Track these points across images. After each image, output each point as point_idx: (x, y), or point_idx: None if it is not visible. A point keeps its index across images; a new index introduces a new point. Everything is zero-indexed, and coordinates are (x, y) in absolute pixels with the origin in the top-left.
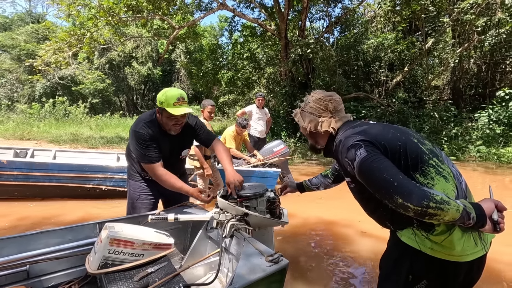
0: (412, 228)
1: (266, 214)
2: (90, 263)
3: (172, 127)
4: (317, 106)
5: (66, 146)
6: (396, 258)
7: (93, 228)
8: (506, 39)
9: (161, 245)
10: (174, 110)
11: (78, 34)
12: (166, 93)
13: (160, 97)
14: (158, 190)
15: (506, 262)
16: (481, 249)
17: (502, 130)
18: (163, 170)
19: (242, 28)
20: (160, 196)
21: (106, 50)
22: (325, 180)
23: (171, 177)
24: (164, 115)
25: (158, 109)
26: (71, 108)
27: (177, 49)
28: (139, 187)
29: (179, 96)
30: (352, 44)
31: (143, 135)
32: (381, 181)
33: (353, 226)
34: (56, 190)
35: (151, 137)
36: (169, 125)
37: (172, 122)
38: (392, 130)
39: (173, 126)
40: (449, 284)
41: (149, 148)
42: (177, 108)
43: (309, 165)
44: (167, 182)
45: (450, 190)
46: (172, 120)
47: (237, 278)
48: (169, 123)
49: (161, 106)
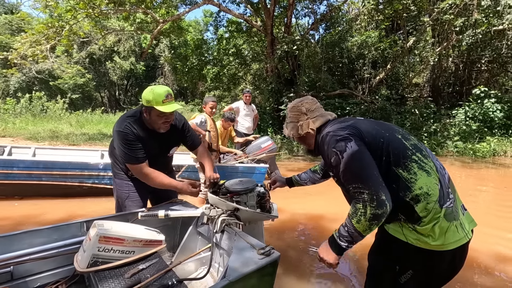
0: (399, 222)
1: (256, 208)
2: (78, 262)
3: (161, 125)
4: (293, 114)
5: (45, 143)
6: (384, 250)
7: (80, 227)
8: (482, 39)
9: (152, 241)
10: (164, 107)
11: (56, 26)
12: (153, 91)
13: (146, 95)
14: (146, 188)
15: (483, 252)
16: (463, 236)
17: (477, 127)
18: (149, 169)
19: (227, 23)
20: (149, 193)
21: (86, 44)
22: (314, 175)
23: (158, 175)
24: (153, 113)
25: (146, 109)
26: (49, 104)
27: (161, 43)
28: (127, 185)
29: (167, 93)
30: (337, 42)
31: (127, 135)
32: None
33: (340, 220)
34: (37, 189)
35: (136, 136)
36: (159, 123)
37: (162, 120)
38: (377, 127)
39: (162, 124)
40: (433, 273)
41: (134, 148)
42: (166, 105)
43: (295, 161)
44: (155, 181)
45: (433, 183)
46: (161, 118)
47: (230, 271)
48: (159, 122)
49: (148, 105)
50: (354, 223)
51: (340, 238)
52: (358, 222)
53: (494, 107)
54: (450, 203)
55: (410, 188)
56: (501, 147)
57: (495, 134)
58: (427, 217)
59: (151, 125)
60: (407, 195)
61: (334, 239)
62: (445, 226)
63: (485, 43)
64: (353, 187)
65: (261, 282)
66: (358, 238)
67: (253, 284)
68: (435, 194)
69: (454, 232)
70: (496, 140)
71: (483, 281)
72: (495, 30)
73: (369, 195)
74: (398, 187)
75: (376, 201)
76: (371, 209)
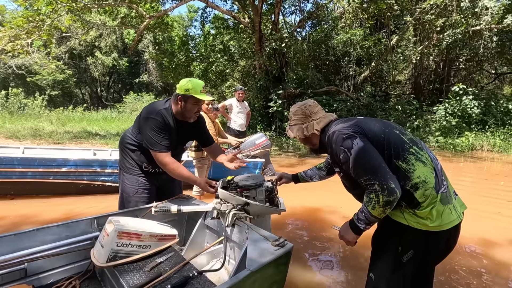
0: (401, 208)
1: (265, 203)
2: (97, 257)
3: (193, 115)
4: (297, 116)
5: (28, 141)
6: (387, 234)
7: (90, 223)
8: (461, 39)
9: (166, 236)
10: (201, 96)
11: (36, 20)
12: (192, 81)
13: (185, 85)
14: (155, 184)
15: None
16: (457, 217)
17: (456, 122)
18: (172, 159)
19: (213, 19)
20: (156, 190)
21: (65, 38)
22: (319, 172)
23: (179, 166)
24: (189, 102)
25: (181, 97)
26: (27, 101)
27: (145, 39)
28: (137, 181)
29: (203, 85)
30: (323, 39)
31: (159, 122)
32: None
33: (336, 212)
34: (31, 187)
35: (166, 125)
36: (192, 112)
37: (195, 109)
38: (377, 124)
39: (195, 113)
40: (432, 251)
41: (163, 136)
42: (203, 95)
43: (286, 157)
44: (175, 171)
45: (429, 172)
46: (196, 107)
47: (249, 261)
48: (193, 110)
49: (187, 93)
50: (370, 210)
51: (359, 221)
52: (373, 209)
53: (471, 103)
54: (444, 189)
55: (409, 177)
56: (478, 141)
57: (473, 130)
58: (425, 202)
59: (182, 115)
60: (407, 183)
61: (353, 221)
62: (440, 209)
63: (463, 43)
64: (364, 179)
65: (277, 271)
66: (374, 221)
67: (271, 273)
68: (431, 181)
69: (449, 214)
70: (474, 135)
71: (466, 260)
72: (472, 31)
73: (380, 185)
74: (399, 177)
75: (387, 189)
76: (384, 197)
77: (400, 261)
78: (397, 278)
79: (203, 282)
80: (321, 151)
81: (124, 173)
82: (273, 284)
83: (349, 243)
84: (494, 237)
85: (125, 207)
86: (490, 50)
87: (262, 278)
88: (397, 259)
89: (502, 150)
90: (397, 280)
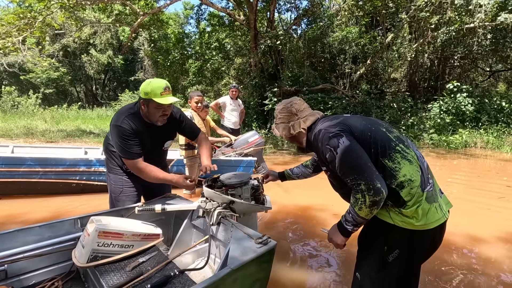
0: (387, 206)
1: (251, 201)
2: (77, 258)
3: (159, 118)
4: (283, 115)
5: (20, 140)
6: (373, 233)
7: (74, 223)
8: (455, 36)
9: (150, 235)
10: (162, 99)
11: (28, 17)
12: (151, 84)
13: (144, 88)
14: (140, 182)
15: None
16: (442, 216)
17: (450, 120)
18: (144, 164)
19: (209, 17)
20: (143, 188)
21: (59, 36)
22: (305, 169)
23: (152, 169)
24: (151, 106)
25: (143, 101)
26: (20, 99)
27: (140, 36)
28: (121, 180)
29: (165, 86)
30: (319, 37)
31: (125, 130)
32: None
33: (326, 210)
34: (19, 187)
35: (134, 131)
36: (157, 116)
37: (159, 113)
38: (364, 122)
39: (160, 117)
40: (417, 250)
41: (131, 143)
42: (164, 97)
43: (281, 155)
44: (149, 175)
45: (415, 170)
46: (159, 111)
47: (230, 259)
48: (157, 114)
49: (146, 97)
50: (357, 210)
51: (346, 223)
52: (360, 210)
53: (465, 101)
54: (430, 187)
55: (395, 176)
56: (472, 139)
57: (467, 127)
58: (411, 200)
59: (148, 119)
60: (393, 182)
61: (341, 223)
62: (426, 207)
63: (457, 40)
64: (350, 179)
65: (260, 269)
66: (362, 222)
67: (253, 271)
68: (417, 180)
69: (434, 213)
70: (467, 133)
71: (454, 258)
72: (467, 28)
73: (366, 185)
74: (385, 176)
75: (373, 189)
76: (370, 197)
77: (385, 261)
78: (383, 278)
79: (184, 281)
80: (309, 149)
81: (109, 173)
82: (256, 282)
83: (338, 246)
84: (483, 234)
85: (113, 206)
86: (484, 47)
87: (243, 276)
88: (383, 258)
89: (494, 147)
90: (382, 279)
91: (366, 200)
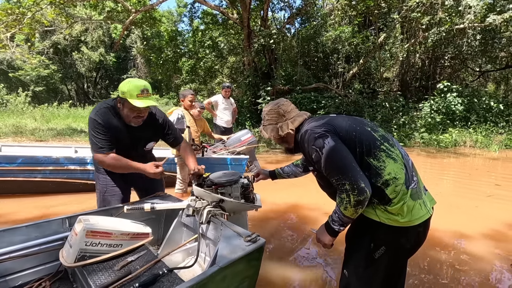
0: (373, 204)
1: (240, 199)
2: (65, 257)
3: (133, 120)
4: (271, 116)
5: (9, 139)
6: (360, 231)
7: (62, 223)
8: (445, 36)
9: (139, 234)
10: (136, 102)
11: (16, 13)
12: (130, 83)
13: (122, 86)
14: (125, 181)
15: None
16: (426, 212)
17: (441, 119)
18: (110, 156)
19: (202, 15)
20: (130, 186)
21: (49, 33)
22: (296, 169)
23: (120, 160)
24: (125, 106)
25: (120, 100)
26: (9, 97)
27: (133, 34)
28: (105, 179)
29: (143, 88)
30: (312, 36)
31: (98, 123)
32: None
33: (318, 209)
34: (6, 186)
35: (108, 125)
36: (130, 117)
37: (133, 114)
38: (349, 122)
39: (134, 118)
40: (402, 246)
41: (101, 136)
42: (140, 100)
43: (273, 154)
44: (116, 165)
45: (399, 169)
46: (133, 112)
47: (219, 257)
48: (130, 115)
49: (123, 97)
50: (342, 210)
51: (333, 222)
52: (346, 209)
53: (455, 100)
54: (415, 185)
55: (380, 174)
56: (461, 138)
57: (456, 126)
58: (396, 198)
59: (124, 118)
60: (378, 180)
61: (328, 223)
62: (411, 204)
63: (448, 41)
64: (335, 179)
65: (249, 266)
66: (348, 221)
67: (241, 269)
68: (401, 177)
69: (419, 210)
70: (457, 132)
71: (441, 254)
72: (457, 29)
73: (350, 185)
74: (370, 175)
75: (357, 189)
76: (354, 197)
77: (372, 258)
78: (370, 274)
79: (173, 280)
80: (297, 150)
81: (96, 172)
82: (245, 280)
83: (325, 246)
84: (469, 230)
85: (102, 206)
86: (473, 48)
87: (232, 274)
88: (369, 255)
89: (483, 146)
90: (369, 275)
91: (351, 199)
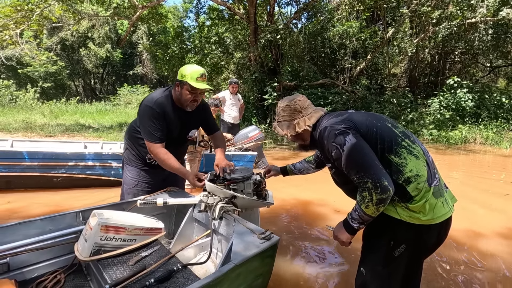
0: (393, 202)
1: (253, 196)
2: (80, 251)
3: (189, 103)
4: (287, 112)
5: (19, 134)
6: (379, 228)
7: (76, 217)
8: (456, 31)
9: (152, 229)
10: (197, 84)
11: (25, 9)
12: (191, 67)
13: (183, 70)
14: (159, 177)
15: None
16: (448, 210)
17: (450, 115)
18: (164, 150)
19: (208, 10)
20: (158, 184)
21: (57, 29)
22: (308, 165)
23: (170, 157)
24: (184, 88)
25: (178, 83)
26: (18, 93)
27: (139, 30)
28: (139, 174)
29: (202, 73)
30: (319, 31)
31: (155, 111)
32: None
33: (328, 206)
34: (19, 181)
35: (164, 114)
36: (187, 100)
37: (191, 97)
38: (369, 118)
39: (191, 102)
40: (423, 245)
41: (157, 126)
42: (199, 83)
43: (280, 150)
44: (166, 162)
45: (421, 165)
46: (191, 95)
47: (234, 254)
48: (188, 98)
49: (182, 79)
50: (363, 208)
51: (353, 220)
52: (367, 207)
53: (465, 96)
54: (437, 182)
55: (402, 171)
56: (472, 134)
57: (466, 123)
58: (418, 195)
59: (179, 102)
60: (400, 178)
61: (347, 221)
62: (433, 202)
63: (458, 35)
64: (356, 177)
65: (263, 264)
66: (368, 220)
67: (256, 266)
68: (424, 175)
69: (441, 208)
70: (467, 128)
71: (456, 254)
72: (468, 23)
73: (373, 183)
74: (391, 172)
75: (380, 187)
76: (377, 195)
77: (391, 256)
78: (388, 272)
79: (188, 276)
80: (312, 147)
81: (126, 165)
82: (259, 277)
83: (343, 244)
84: (483, 229)
85: (125, 198)
86: (485, 43)
87: (247, 271)
88: (389, 253)
89: (494, 143)
90: (388, 274)
91: (373, 198)
